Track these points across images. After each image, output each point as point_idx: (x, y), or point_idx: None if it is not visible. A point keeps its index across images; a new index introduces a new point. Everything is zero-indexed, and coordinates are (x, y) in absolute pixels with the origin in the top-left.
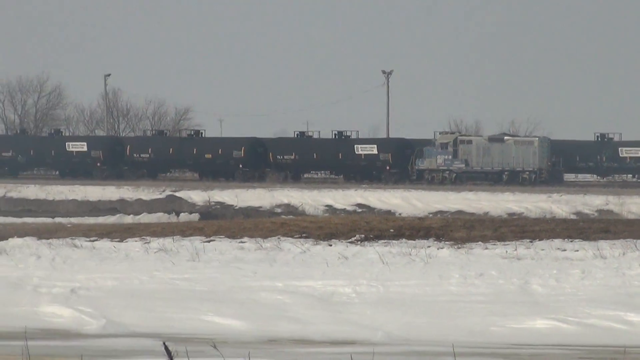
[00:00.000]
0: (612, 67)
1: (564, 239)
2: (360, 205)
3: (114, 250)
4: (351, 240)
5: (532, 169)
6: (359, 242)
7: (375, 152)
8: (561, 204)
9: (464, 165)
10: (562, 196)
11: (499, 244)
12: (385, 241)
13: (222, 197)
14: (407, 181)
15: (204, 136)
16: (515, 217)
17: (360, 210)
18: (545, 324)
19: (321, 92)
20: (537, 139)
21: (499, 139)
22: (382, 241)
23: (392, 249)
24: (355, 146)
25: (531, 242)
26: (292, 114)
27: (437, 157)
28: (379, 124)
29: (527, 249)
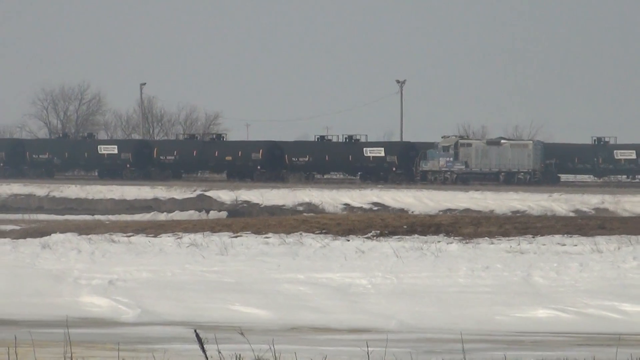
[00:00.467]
0: (608, 76)
1: (564, 235)
2: (375, 203)
3: (148, 245)
4: (367, 235)
5: (526, 170)
6: (375, 238)
7: (382, 154)
8: (561, 203)
9: (464, 166)
10: (561, 195)
11: (503, 239)
12: (398, 237)
13: (248, 197)
14: (411, 181)
15: (225, 139)
16: (518, 214)
17: (375, 208)
18: (546, 313)
19: (340, 99)
20: (532, 142)
21: (496, 142)
22: (396, 237)
23: (405, 244)
24: (364, 149)
25: (533, 237)
26: (313, 120)
27: (440, 159)
28: (393, 129)
29: (530, 243)
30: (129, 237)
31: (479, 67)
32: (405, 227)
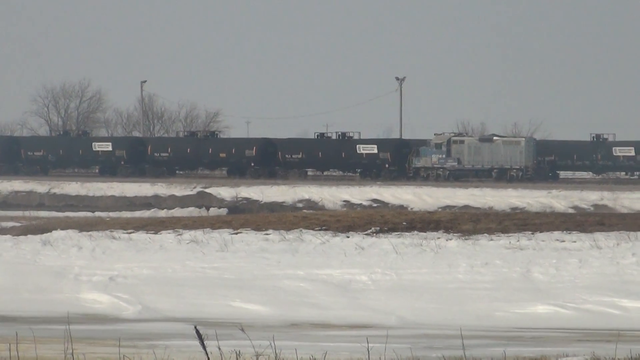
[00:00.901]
0: (607, 74)
1: (563, 231)
2: (375, 200)
3: (149, 241)
4: (367, 232)
5: (519, 167)
6: (374, 234)
7: (375, 151)
8: (560, 199)
9: (457, 163)
10: (560, 192)
11: (502, 235)
12: (398, 233)
13: (248, 193)
14: (404, 178)
15: (219, 136)
16: (517, 211)
17: (375, 205)
18: (545, 309)
19: (340, 97)
20: (524, 139)
21: (488, 139)
22: (395, 233)
23: (404, 241)
24: (357, 146)
25: (532, 234)
26: (312, 117)
27: (432, 156)
28: (392, 126)
29: (529, 240)
30: (130, 234)
31: (478, 65)
32: (404, 223)
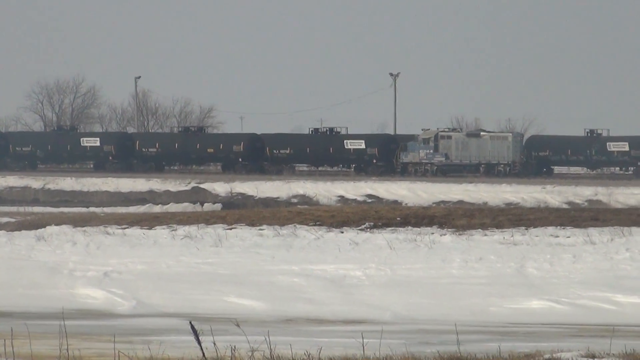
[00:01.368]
0: (601, 69)
1: (557, 227)
2: (369, 195)
3: (143, 237)
4: (361, 227)
5: (506, 162)
6: (369, 230)
7: (363, 146)
8: (554, 195)
9: (444, 158)
10: (555, 187)
11: (497, 231)
12: (392, 228)
13: (243, 189)
14: (392, 173)
15: (206, 132)
16: (512, 206)
17: (369, 200)
18: (539, 304)
19: (335, 93)
20: (511, 134)
21: (475, 134)
22: (389, 228)
23: (399, 236)
24: (344, 141)
25: (526, 229)
26: (307, 113)
27: (420, 152)
28: (387, 122)
29: (523, 235)
30: (124, 229)
31: (473, 60)
32: (399, 219)
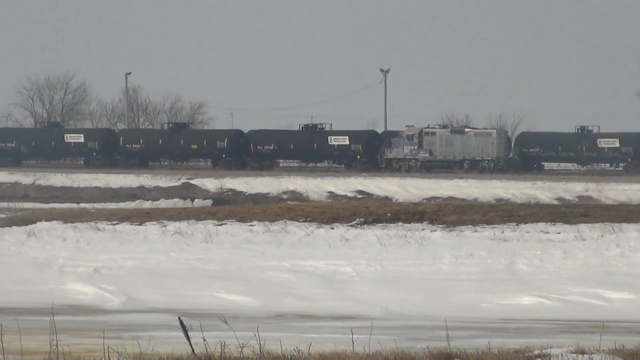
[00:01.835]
0: (592, 66)
1: (547, 223)
2: (360, 191)
3: (133, 233)
4: (352, 223)
5: (490, 158)
6: (359, 226)
7: (347, 142)
8: (544, 191)
9: (428, 154)
10: (545, 183)
11: (487, 227)
12: (383, 224)
13: (233, 185)
14: (376, 169)
15: (190, 128)
16: (502, 202)
17: (360, 196)
18: (530, 300)
19: (325, 88)
20: (495, 131)
21: (460, 130)
22: (380, 225)
23: (389, 232)
24: (328, 137)
25: (517, 225)
26: (298, 109)
27: (404, 148)
28: (377, 118)
29: (513, 231)
30: (114, 225)
31: (464, 57)
32: (389, 215)
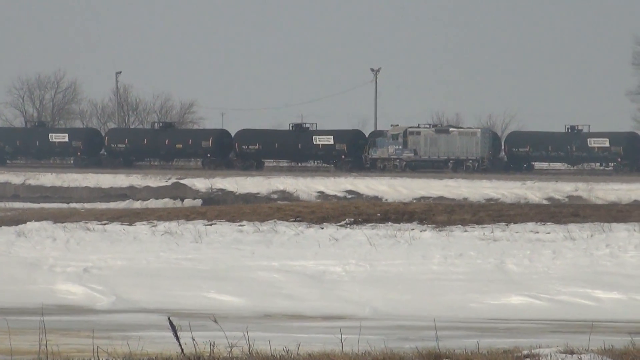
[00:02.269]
0: (582, 65)
1: (537, 222)
2: (349, 191)
3: (123, 233)
4: (341, 223)
5: (474, 158)
6: (349, 225)
7: (331, 142)
8: (534, 190)
9: (413, 154)
10: (535, 183)
11: (477, 226)
12: (372, 224)
13: (223, 185)
14: (360, 169)
15: (176, 128)
16: (492, 202)
17: (349, 196)
18: (519, 300)
19: (316, 88)
20: (480, 130)
21: (444, 130)
22: (369, 224)
23: (379, 232)
24: (313, 137)
25: (507, 225)
26: (289, 108)
27: (389, 147)
28: (368, 117)
29: (503, 231)
30: (104, 225)
31: (454, 56)
32: (379, 214)
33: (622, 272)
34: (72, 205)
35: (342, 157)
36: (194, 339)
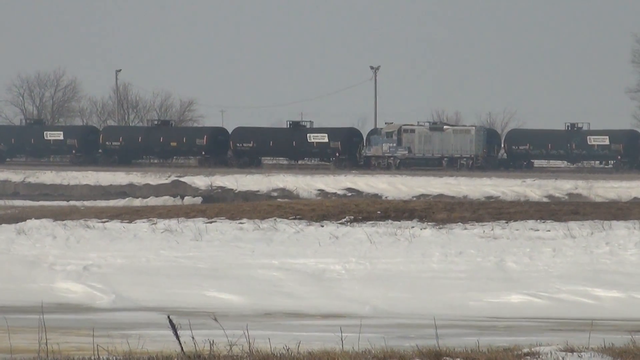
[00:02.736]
0: (582, 63)
1: (537, 220)
2: (349, 189)
3: (123, 230)
4: (341, 221)
5: (469, 156)
6: (349, 223)
7: (326, 140)
8: (534, 188)
9: (407, 152)
10: (535, 181)
11: (477, 224)
12: (372, 222)
13: (223, 182)
14: (355, 167)
15: (172, 125)
16: (492, 200)
17: (349, 194)
18: (519, 299)
19: (316, 86)
20: (474, 128)
21: (439, 128)
22: (369, 222)
23: (379, 230)
24: (308, 135)
25: (507, 223)
26: (288, 106)
27: (383, 145)
28: (367, 115)
29: (503, 229)
30: (104, 223)
31: (454, 54)
32: (379, 212)
33: (622, 270)
34: (72, 203)
35: (337, 154)
36: (194, 338)
